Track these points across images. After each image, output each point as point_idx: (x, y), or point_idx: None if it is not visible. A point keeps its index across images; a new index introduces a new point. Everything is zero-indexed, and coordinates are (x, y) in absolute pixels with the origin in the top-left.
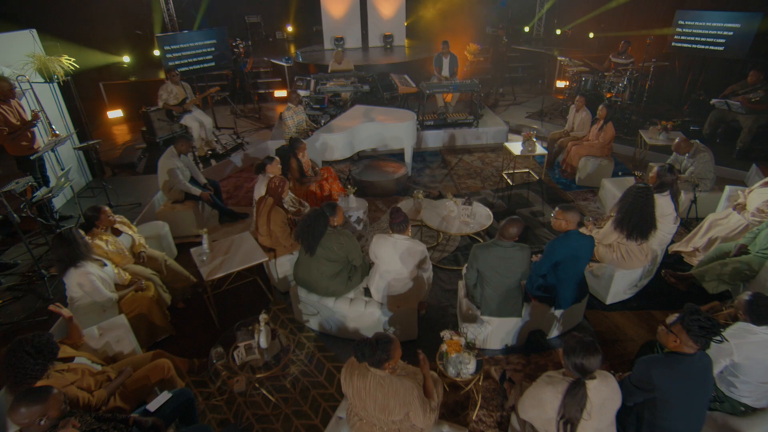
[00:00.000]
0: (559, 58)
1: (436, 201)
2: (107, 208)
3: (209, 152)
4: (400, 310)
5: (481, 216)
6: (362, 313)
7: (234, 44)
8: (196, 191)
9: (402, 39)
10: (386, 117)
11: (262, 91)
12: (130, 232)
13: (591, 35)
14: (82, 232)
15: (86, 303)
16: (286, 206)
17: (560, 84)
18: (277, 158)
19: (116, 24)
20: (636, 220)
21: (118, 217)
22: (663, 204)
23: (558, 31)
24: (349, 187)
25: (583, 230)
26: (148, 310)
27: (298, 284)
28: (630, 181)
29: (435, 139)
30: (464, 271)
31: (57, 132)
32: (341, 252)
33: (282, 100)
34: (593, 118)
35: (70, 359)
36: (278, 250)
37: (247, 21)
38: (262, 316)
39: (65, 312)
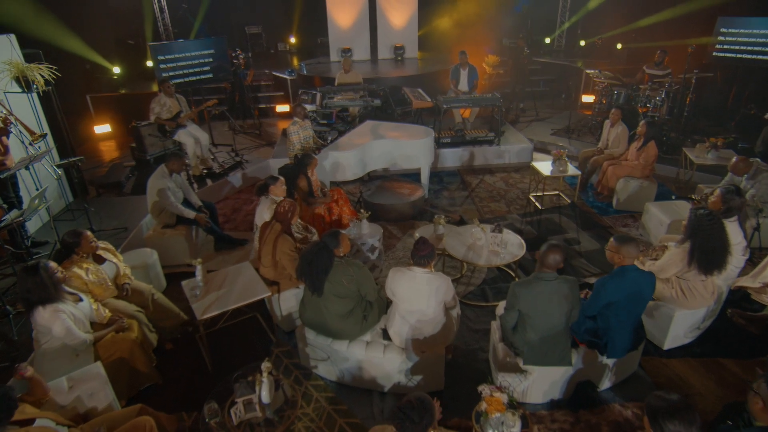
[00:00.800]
0: (587, 71)
1: (459, 227)
2: (89, 233)
3: (205, 171)
4: (425, 355)
5: (513, 245)
6: (381, 360)
7: (234, 55)
8: (190, 214)
9: (414, 50)
10: (401, 134)
11: (263, 106)
12: (115, 260)
13: (619, 46)
14: (53, 266)
15: (55, 346)
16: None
17: (587, 98)
18: (282, 178)
19: (107, 33)
20: (709, 250)
21: (101, 243)
22: (731, 232)
23: (582, 42)
24: (362, 211)
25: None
26: (129, 354)
27: (306, 324)
28: (682, 205)
29: (453, 157)
30: (498, 311)
31: (36, 139)
32: (352, 286)
33: (284, 116)
34: (630, 132)
35: (30, 422)
36: (282, 283)
37: (247, 32)
38: (265, 365)
39: (28, 371)
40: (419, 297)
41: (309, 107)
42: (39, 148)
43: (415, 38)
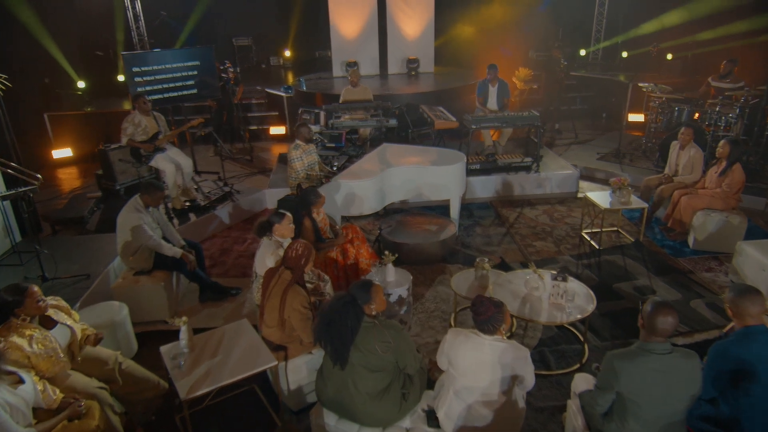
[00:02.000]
0: (640, 85)
1: (508, 274)
2: (36, 289)
3: (187, 204)
4: None
5: (581, 297)
6: None
7: (222, 68)
8: (175, 252)
9: (430, 64)
10: (426, 159)
11: (254, 127)
12: (69, 322)
13: (669, 56)
14: None
15: None
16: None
17: (634, 117)
18: (289, 215)
19: (70, 42)
20: None
21: (51, 300)
22: None
23: (624, 54)
24: (386, 253)
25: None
26: None
27: (324, 405)
28: None
29: (483, 187)
30: (575, 386)
31: None
32: (388, 355)
33: (279, 139)
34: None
35: None
36: (291, 348)
37: (235, 44)
38: None
39: None
40: (484, 371)
41: (313, 128)
42: None
43: (431, 50)
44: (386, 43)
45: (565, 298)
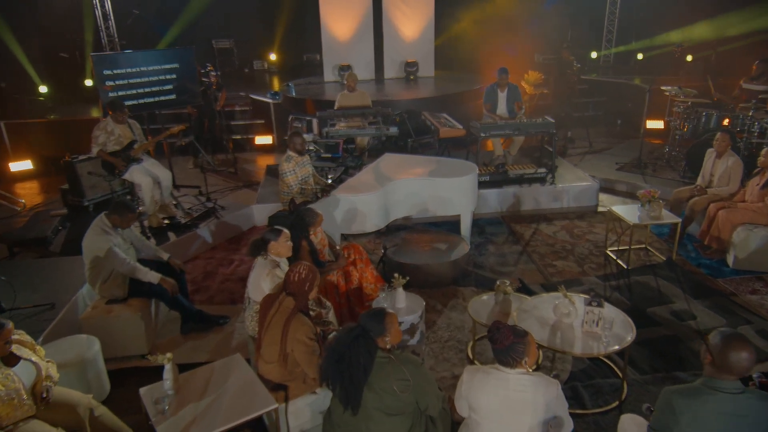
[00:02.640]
0: (662, 88)
1: (533, 299)
2: (10, 327)
3: (166, 221)
4: None
5: (618, 325)
6: None
7: (203, 72)
8: (152, 276)
9: (430, 67)
10: (433, 170)
11: (238, 137)
12: (35, 359)
13: (689, 58)
14: None
15: None
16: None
17: (653, 124)
18: (286, 232)
19: (32, 43)
20: None
21: (14, 335)
22: None
23: (640, 56)
24: (396, 276)
25: None
26: None
27: None
28: None
29: (493, 200)
30: (624, 426)
31: None
32: (407, 395)
33: (266, 149)
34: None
35: None
36: (292, 387)
37: (215, 46)
38: None
39: None
40: (512, 413)
41: (306, 137)
42: None
43: (431, 52)
44: (382, 46)
45: (601, 326)
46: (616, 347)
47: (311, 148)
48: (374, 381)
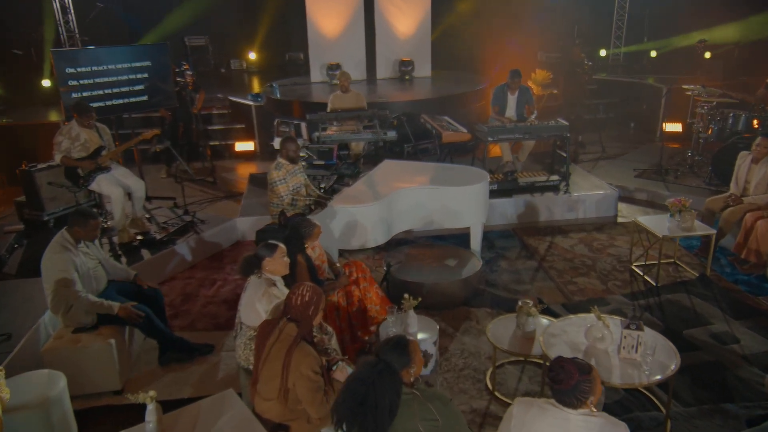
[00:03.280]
0: (684, 87)
1: (560, 321)
2: None
3: (138, 238)
4: None
5: (661, 352)
6: None
7: (178, 71)
8: (111, 307)
9: (426, 67)
10: (439, 178)
11: (216, 143)
12: None
13: (707, 55)
14: None
15: None
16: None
17: (671, 127)
18: (282, 247)
19: None
20: None
21: None
22: None
23: (653, 53)
24: (407, 297)
25: None
26: None
27: None
28: None
29: (503, 210)
30: None
31: None
32: None
33: (247, 156)
34: None
35: None
36: (294, 426)
37: (187, 44)
38: None
39: None
40: None
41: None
42: None
43: (427, 50)
44: (374, 43)
45: (641, 352)
46: (659, 377)
47: (302, 154)
48: (397, 422)
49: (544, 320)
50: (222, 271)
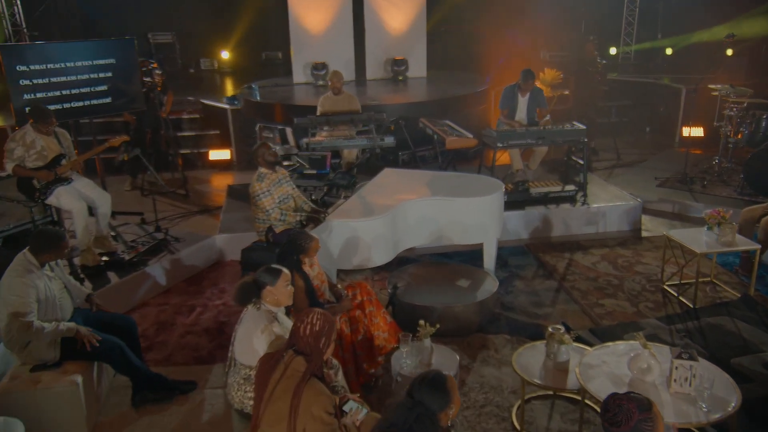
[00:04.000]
0: (710, 87)
1: (597, 350)
2: None
3: (104, 259)
4: None
5: (719, 386)
6: None
7: (145, 70)
8: (68, 329)
9: (421, 66)
10: (449, 189)
11: (187, 151)
12: None
13: (729, 52)
14: None
15: None
16: None
17: (692, 131)
18: (286, 273)
19: None
20: None
21: None
22: None
23: (668, 50)
24: (422, 324)
25: None
26: None
27: None
28: None
29: (515, 224)
30: None
31: None
32: None
33: (223, 166)
34: None
35: None
36: None
37: (151, 41)
38: None
39: None
40: None
41: (279, 149)
42: None
43: (422, 48)
44: (364, 41)
45: (695, 386)
46: (719, 415)
47: (291, 162)
48: None
49: (577, 348)
50: (201, 296)
